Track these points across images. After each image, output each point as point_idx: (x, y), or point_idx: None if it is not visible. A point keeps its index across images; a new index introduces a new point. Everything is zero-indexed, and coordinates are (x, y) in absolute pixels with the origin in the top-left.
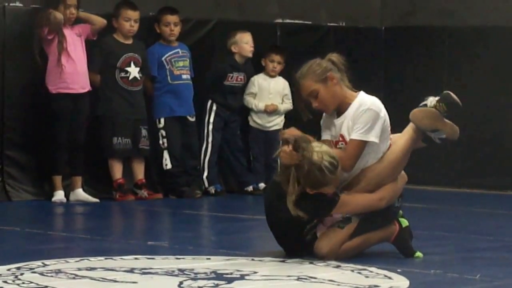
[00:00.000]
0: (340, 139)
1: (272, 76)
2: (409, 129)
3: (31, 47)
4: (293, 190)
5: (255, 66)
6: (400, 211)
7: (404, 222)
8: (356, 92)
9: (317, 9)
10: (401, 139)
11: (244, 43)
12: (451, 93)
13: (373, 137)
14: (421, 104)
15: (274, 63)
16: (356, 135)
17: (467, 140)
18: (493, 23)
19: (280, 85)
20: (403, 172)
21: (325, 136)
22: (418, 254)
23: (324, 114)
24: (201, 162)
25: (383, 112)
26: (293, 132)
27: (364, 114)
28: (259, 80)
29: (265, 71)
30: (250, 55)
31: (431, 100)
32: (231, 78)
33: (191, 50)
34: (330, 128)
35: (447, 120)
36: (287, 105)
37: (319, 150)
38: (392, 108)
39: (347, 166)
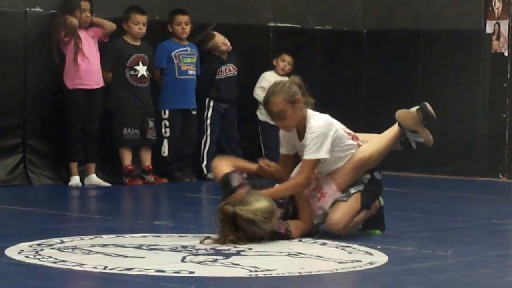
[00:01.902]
0: None
1: (281, 75)
2: (390, 132)
3: (51, 48)
4: (234, 238)
5: (252, 66)
6: None
7: (382, 201)
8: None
9: (306, 14)
10: (382, 138)
11: (220, 47)
12: (428, 105)
13: (322, 154)
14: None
15: (285, 62)
16: (307, 156)
17: (441, 132)
18: (462, 26)
19: None
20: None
21: (283, 150)
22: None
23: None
24: (201, 152)
25: (331, 129)
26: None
27: (312, 136)
28: (269, 77)
29: (275, 69)
30: (229, 49)
31: (412, 108)
32: (221, 72)
33: (199, 51)
34: (293, 146)
35: (425, 128)
36: None
37: (251, 208)
38: (373, 105)
39: (304, 184)
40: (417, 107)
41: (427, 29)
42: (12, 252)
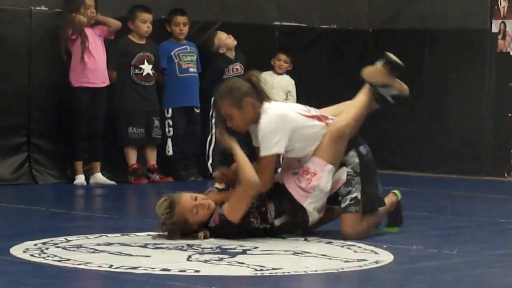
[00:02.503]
0: None
1: (278, 74)
2: (362, 94)
3: (55, 46)
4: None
5: (258, 64)
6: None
7: (399, 194)
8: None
9: (311, 12)
10: (356, 103)
11: (225, 40)
12: (391, 54)
13: (276, 150)
14: None
15: (281, 61)
16: (262, 153)
17: (446, 131)
18: (468, 25)
19: (284, 82)
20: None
21: (255, 143)
22: (396, 230)
23: None
24: (206, 151)
25: (284, 122)
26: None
27: (262, 133)
28: (266, 76)
29: (273, 69)
30: (235, 43)
31: (377, 63)
32: (228, 71)
33: (198, 50)
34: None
35: (395, 79)
36: (290, 101)
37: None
38: None
39: (264, 181)
40: (382, 60)
41: (433, 28)
42: (17, 250)
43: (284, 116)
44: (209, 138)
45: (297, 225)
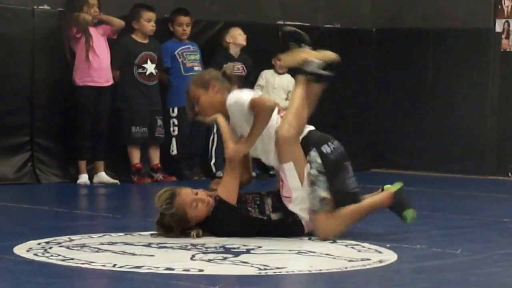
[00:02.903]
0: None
1: (279, 73)
2: (295, 87)
3: (58, 45)
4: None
5: (261, 64)
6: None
7: (398, 185)
8: None
9: (314, 12)
10: (292, 98)
11: (237, 34)
12: (285, 28)
13: (248, 97)
14: None
15: (281, 61)
16: (247, 101)
17: (450, 131)
18: (472, 25)
19: (285, 81)
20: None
21: (231, 124)
22: (409, 212)
23: None
24: (209, 150)
25: (240, 93)
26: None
27: (232, 101)
28: (267, 75)
29: (274, 68)
30: (244, 43)
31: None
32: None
33: (201, 49)
34: (234, 129)
35: (312, 51)
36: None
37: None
38: (382, 103)
39: (268, 107)
40: (287, 41)
41: (436, 27)
42: (21, 250)
43: (246, 92)
44: (211, 137)
45: (290, 225)
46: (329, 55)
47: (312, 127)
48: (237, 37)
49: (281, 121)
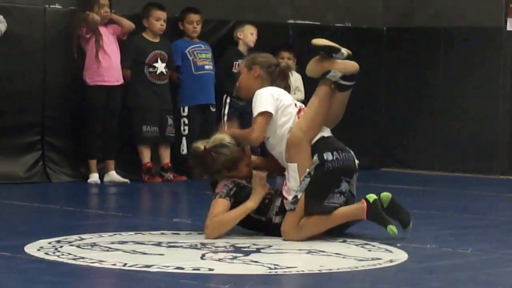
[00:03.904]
0: None
1: None
2: (319, 90)
3: (69, 45)
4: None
5: None
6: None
7: (371, 197)
8: None
9: (325, 11)
10: (311, 100)
11: (249, 33)
12: (314, 41)
13: (265, 107)
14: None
15: (284, 59)
16: (254, 114)
17: (462, 130)
18: (483, 24)
19: (292, 78)
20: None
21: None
22: (392, 228)
23: None
24: None
25: (269, 91)
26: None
27: (254, 99)
28: None
29: None
30: (252, 45)
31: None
32: (238, 65)
33: (212, 48)
34: None
35: (337, 60)
36: (297, 95)
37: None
38: (392, 102)
39: (252, 139)
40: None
41: (447, 26)
42: (32, 249)
43: (274, 89)
44: None
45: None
46: (351, 66)
47: (328, 133)
48: (247, 36)
49: (294, 125)
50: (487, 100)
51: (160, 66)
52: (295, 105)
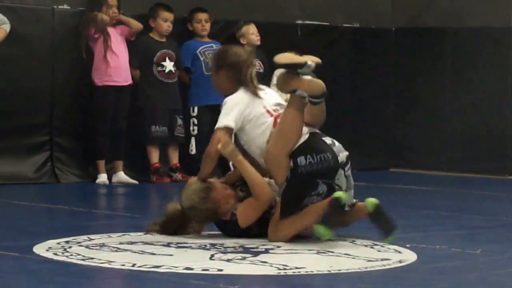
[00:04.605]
0: None
1: None
2: (289, 101)
3: (78, 45)
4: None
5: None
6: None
7: (337, 194)
8: None
9: (334, 11)
10: (283, 114)
11: (250, 34)
12: (276, 57)
13: (226, 122)
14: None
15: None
16: (216, 126)
17: (470, 130)
18: (491, 23)
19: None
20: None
21: None
22: (318, 228)
23: None
24: None
25: (241, 102)
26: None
27: (221, 107)
28: (277, 72)
29: None
30: (258, 43)
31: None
32: None
33: None
34: None
35: (305, 77)
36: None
37: (187, 193)
38: (401, 102)
39: (209, 153)
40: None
41: (456, 26)
42: (40, 249)
43: (244, 99)
44: None
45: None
46: (315, 87)
47: (310, 134)
48: (251, 39)
49: (270, 138)
50: (496, 100)
51: (169, 65)
52: (269, 112)
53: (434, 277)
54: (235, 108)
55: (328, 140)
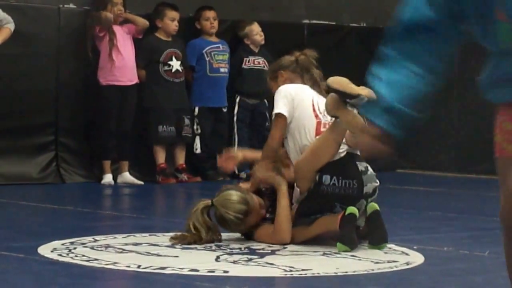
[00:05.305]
0: None
1: None
2: (332, 123)
3: (83, 44)
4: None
5: None
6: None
7: (350, 210)
8: None
9: (341, 10)
10: (328, 133)
11: (254, 35)
12: (330, 81)
13: (278, 109)
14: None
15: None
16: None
17: (477, 130)
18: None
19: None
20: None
21: None
22: (341, 246)
23: None
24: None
25: (288, 91)
26: None
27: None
28: None
29: None
30: (262, 42)
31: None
32: (248, 62)
33: (230, 48)
34: None
35: (350, 111)
36: None
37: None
38: None
39: (269, 144)
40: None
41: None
42: (45, 250)
43: (297, 88)
44: (233, 137)
45: None
46: (354, 125)
47: (346, 153)
48: (255, 39)
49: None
50: None
51: (175, 64)
52: (316, 115)
53: (441, 279)
54: (282, 98)
55: (362, 166)
